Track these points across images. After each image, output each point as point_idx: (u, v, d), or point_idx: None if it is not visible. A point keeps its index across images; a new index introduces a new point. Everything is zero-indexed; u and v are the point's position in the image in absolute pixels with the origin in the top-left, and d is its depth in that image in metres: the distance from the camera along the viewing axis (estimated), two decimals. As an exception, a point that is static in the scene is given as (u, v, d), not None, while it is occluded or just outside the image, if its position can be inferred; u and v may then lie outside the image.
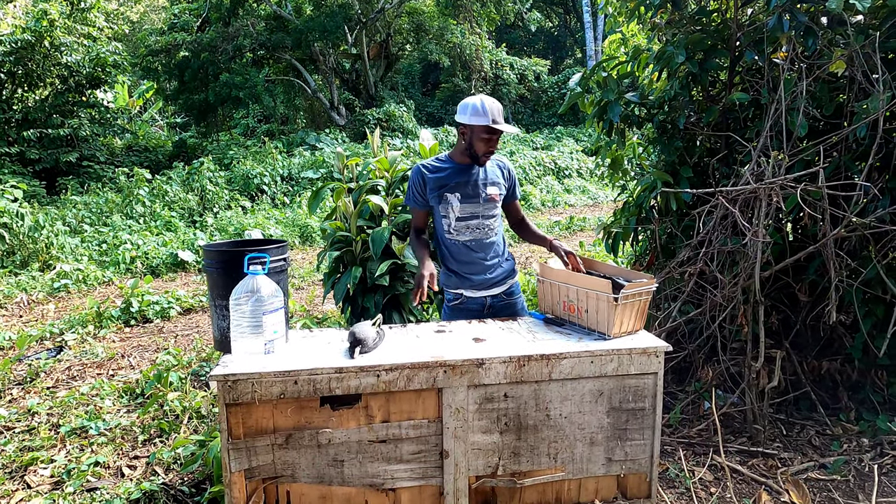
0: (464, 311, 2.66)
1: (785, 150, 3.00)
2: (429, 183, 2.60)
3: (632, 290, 2.15)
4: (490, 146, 2.50)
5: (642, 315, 2.23)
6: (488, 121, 2.42)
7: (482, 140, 2.48)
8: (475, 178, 2.61)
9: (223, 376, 1.84)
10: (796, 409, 3.28)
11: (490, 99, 2.48)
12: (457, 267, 2.65)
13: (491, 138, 2.47)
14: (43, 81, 13.79)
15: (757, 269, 2.95)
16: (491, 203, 2.62)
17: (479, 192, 2.59)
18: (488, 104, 2.45)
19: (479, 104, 2.45)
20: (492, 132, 2.45)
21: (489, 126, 2.43)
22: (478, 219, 2.61)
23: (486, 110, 2.43)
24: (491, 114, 2.43)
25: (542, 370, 2.03)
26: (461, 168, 2.60)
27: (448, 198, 2.57)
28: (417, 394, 1.98)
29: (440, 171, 2.61)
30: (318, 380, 1.90)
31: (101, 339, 4.73)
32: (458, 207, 2.58)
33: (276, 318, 1.91)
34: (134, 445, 3.02)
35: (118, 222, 8.23)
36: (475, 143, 2.50)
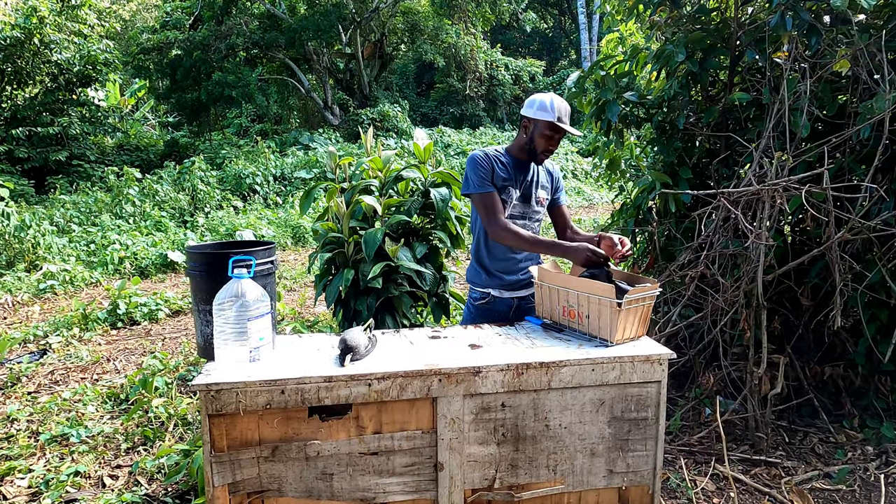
0: (490, 312, 2.58)
1: (788, 150, 2.93)
2: (496, 169, 2.49)
3: (635, 294, 2.07)
4: (550, 145, 2.44)
5: (645, 321, 2.15)
6: (553, 117, 2.37)
7: (544, 137, 2.41)
8: (530, 178, 2.55)
9: (205, 386, 1.75)
10: (798, 416, 3.21)
11: (560, 99, 2.42)
12: (490, 264, 2.56)
13: (553, 136, 2.42)
14: (32, 79, 13.63)
15: (760, 273, 2.88)
16: (539, 206, 2.58)
17: (531, 193, 2.55)
18: (557, 102, 2.40)
19: (547, 100, 2.40)
20: (555, 130, 2.39)
21: (553, 123, 2.38)
22: (525, 220, 2.55)
23: (553, 107, 2.38)
24: (557, 111, 2.38)
25: (541, 379, 1.94)
26: (519, 164, 2.53)
27: (510, 191, 2.49)
28: (411, 403, 1.89)
29: (503, 163, 2.52)
30: (307, 389, 1.80)
31: (86, 343, 4.62)
32: (513, 205, 2.50)
33: (261, 324, 1.82)
34: (116, 454, 2.91)
35: (107, 222, 8.10)
36: (536, 139, 2.44)
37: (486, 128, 18.33)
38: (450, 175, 3.61)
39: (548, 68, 23.79)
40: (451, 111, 19.72)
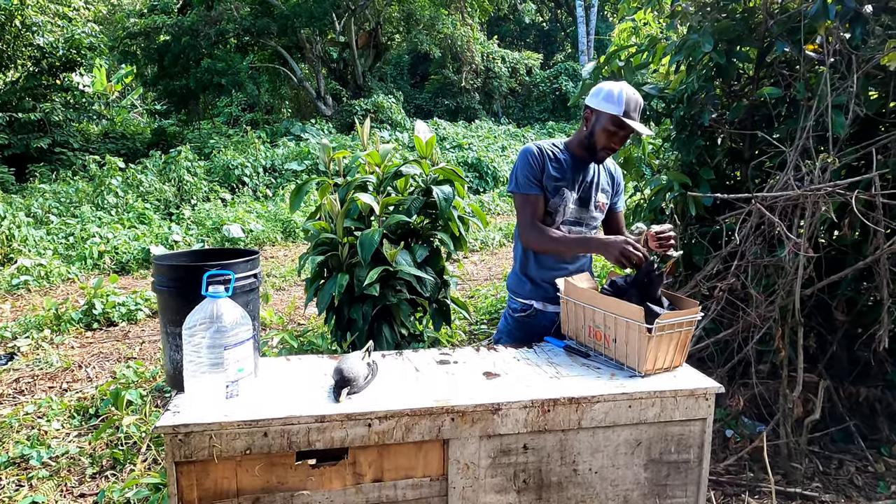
0: (530, 326, 2.30)
1: (832, 152, 2.65)
2: (548, 168, 2.18)
3: (669, 319, 1.79)
4: (613, 142, 2.12)
5: (683, 349, 1.87)
6: (620, 110, 2.05)
7: (606, 132, 2.10)
8: (591, 179, 2.24)
9: (172, 427, 1.45)
10: (831, 441, 2.95)
11: (632, 90, 2.10)
12: (536, 273, 2.27)
13: (617, 133, 2.09)
14: (14, 63, 13.15)
15: (797, 286, 2.61)
16: (598, 212, 2.28)
17: (591, 197, 2.24)
18: (627, 93, 2.08)
19: (616, 90, 2.09)
20: (620, 125, 2.07)
21: (618, 118, 2.06)
22: (582, 226, 2.25)
23: (621, 99, 2.06)
24: (626, 104, 2.06)
25: (569, 417, 1.66)
26: (578, 162, 2.22)
27: (565, 194, 2.18)
28: (418, 446, 1.60)
29: (559, 160, 2.21)
30: (295, 431, 1.51)
31: (57, 346, 4.29)
32: (570, 208, 2.20)
33: (241, 352, 1.52)
34: (81, 479, 2.61)
35: (87, 213, 7.72)
36: (597, 133, 2.12)
37: (482, 121, 17.99)
38: (453, 171, 3.31)
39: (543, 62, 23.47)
40: (445, 103, 19.36)
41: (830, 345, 2.98)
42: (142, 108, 19.00)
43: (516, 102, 20.92)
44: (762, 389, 2.89)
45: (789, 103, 3.28)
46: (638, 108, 2.10)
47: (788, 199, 2.66)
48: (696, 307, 1.84)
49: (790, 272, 2.69)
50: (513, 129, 16.81)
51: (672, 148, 3.78)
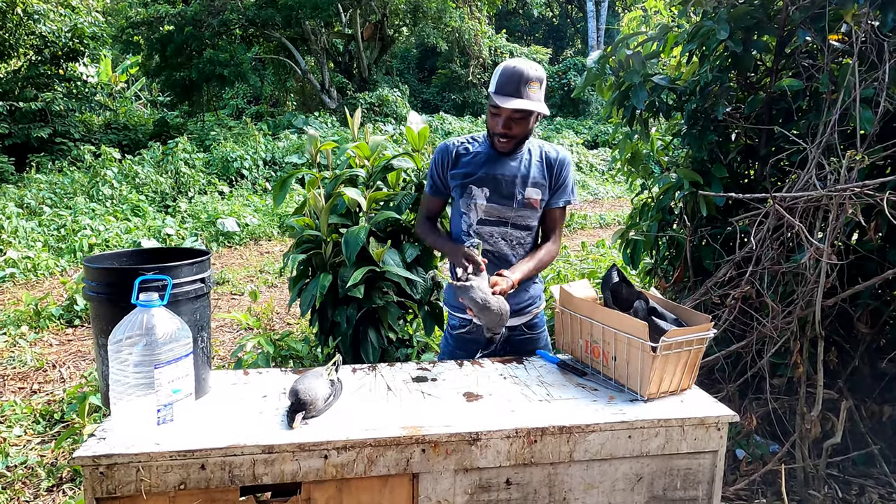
0: (471, 343, 2.06)
1: (859, 149, 2.41)
2: (452, 165, 2.00)
3: (677, 336, 1.56)
4: (498, 125, 1.87)
5: (692, 370, 1.64)
6: (493, 88, 1.84)
7: (490, 114, 1.91)
8: (514, 173, 1.98)
9: (92, 458, 1.24)
10: (852, 464, 2.72)
11: (521, 62, 1.85)
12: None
13: (499, 113, 1.86)
14: (16, 51, 13.01)
15: (819, 296, 2.38)
16: (528, 210, 2.00)
17: (515, 193, 1.97)
18: (507, 66, 1.84)
19: (500, 67, 1.86)
20: (495, 106, 1.85)
21: (490, 96, 1.86)
22: (506, 226, 2.00)
23: (496, 73, 1.85)
24: (499, 78, 1.83)
25: (560, 448, 1.44)
26: (496, 156, 1.98)
27: (472, 191, 1.97)
28: (383, 481, 1.39)
29: (469, 154, 2.01)
30: (237, 463, 1.30)
31: (34, 343, 4.11)
32: (482, 206, 1.97)
33: (176, 370, 1.31)
34: (36, 493, 2.42)
35: (81, 205, 7.55)
36: (487, 120, 1.94)
37: (489, 116, 17.70)
38: (448, 166, 3.09)
39: (553, 57, 23.15)
40: (452, 98, 19.10)
41: (852, 359, 2.74)
42: (145, 99, 18.86)
43: (524, 98, 20.61)
44: (777, 406, 2.66)
45: (810, 96, 3.04)
46: (519, 81, 1.80)
47: (810, 199, 2.42)
48: (707, 323, 1.62)
49: (810, 280, 2.45)
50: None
51: (682, 143, 3.54)
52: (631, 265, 3.42)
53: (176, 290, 1.43)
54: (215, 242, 7.38)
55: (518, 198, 1.97)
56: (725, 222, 3.11)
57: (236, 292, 5.62)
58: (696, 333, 1.60)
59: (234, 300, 5.40)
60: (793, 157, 2.91)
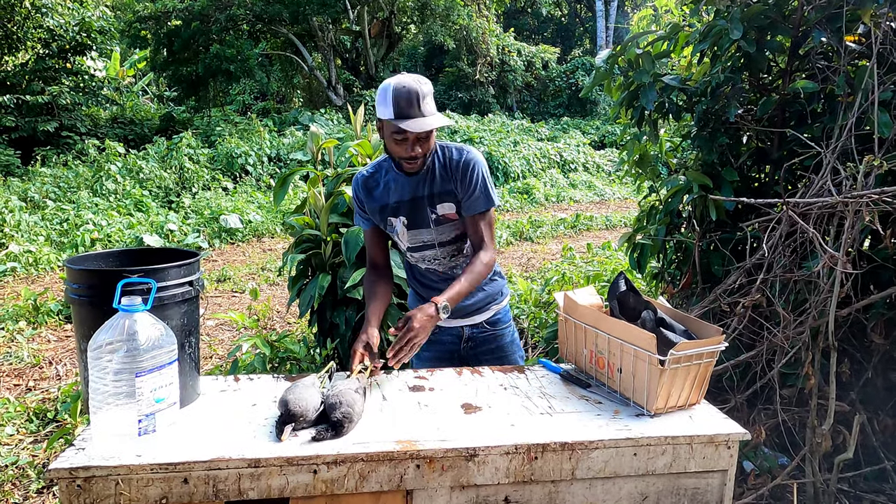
0: (436, 344, 2.06)
1: (877, 154, 2.33)
2: (366, 201, 1.90)
3: (686, 350, 1.49)
4: (404, 149, 1.72)
5: (701, 384, 1.57)
6: (392, 113, 1.67)
7: (393, 141, 1.72)
8: (421, 193, 1.84)
9: (68, 471, 1.18)
10: (863, 479, 2.64)
11: (403, 79, 1.69)
12: (422, 290, 2.05)
13: (405, 138, 1.70)
14: (23, 45, 13.02)
15: (832, 305, 2.29)
16: (445, 225, 1.88)
17: (426, 214, 1.86)
18: (395, 87, 1.67)
19: (384, 88, 1.70)
20: (400, 132, 1.68)
21: (393, 123, 1.67)
22: (433, 248, 1.92)
23: (388, 98, 1.67)
24: (395, 103, 1.66)
25: (561, 465, 1.37)
26: (405, 179, 1.84)
27: (392, 223, 1.90)
28: (375, 498, 1.32)
29: (379, 184, 1.88)
30: (222, 477, 1.24)
31: (32, 339, 4.07)
32: (405, 235, 1.89)
33: (159, 378, 1.25)
34: (26, 494, 2.37)
35: (84, 199, 7.52)
36: (388, 146, 1.77)
37: (496, 115, 17.63)
38: (451, 166, 3.02)
39: (561, 56, 23.02)
40: (459, 96, 19.01)
41: (865, 371, 2.66)
42: (152, 93, 18.86)
43: (531, 97, 20.52)
44: (786, 418, 2.58)
45: (825, 99, 2.96)
46: (416, 99, 1.66)
47: (825, 205, 2.34)
48: (718, 336, 1.54)
49: (824, 289, 2.37)
50: (526, 124, 16.43)
51: (692, 146, 3.45)
52: (637, 269, 3.35)
53: (162, 294, 1.37)
54: (218, 239, 7.34)
55: (432, 217, 1.86)
56: (735, 227, 3.03)
57: (237, 290, 5.58)
58: (706, 347, 1.52)
59: (235, 298, 5.35)
60: (806, 162, 2.82)
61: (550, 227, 8.77)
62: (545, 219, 9.32)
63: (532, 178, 12.40)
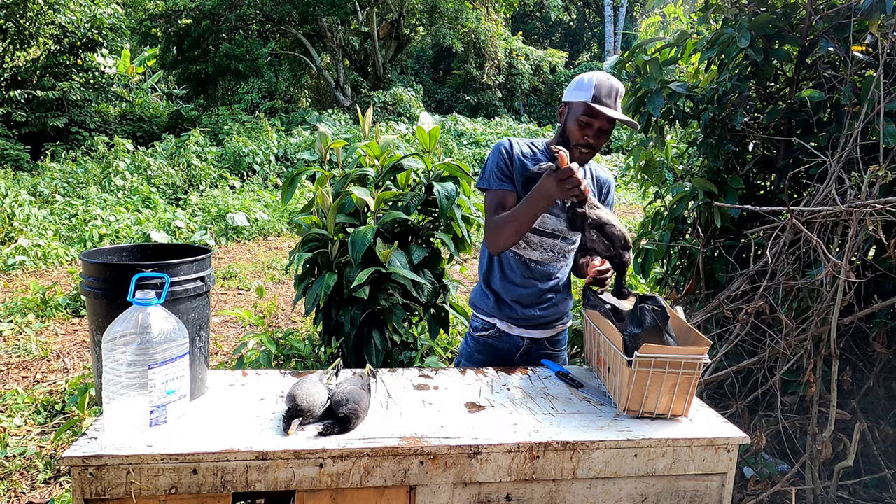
0: (491, 349, 2.00)
1: (882, 164, 2.34)
2: (517, 164, 1.89)
3: (653, 354, 1.46)
4: (587, 135, 1.78)
5: (684, 395, 1.52)
6: (589, 96, 1.75)
7: (578, 123, 1.78)
8: None
9: (81, 459, 1.21)
10: (863, 487, 2.65)
11: (605, 76, 1.80)
12: (502, 287, 1.96)
13: (591, 123, 1.77)
14: (35, 41, 13.12)
15: (835, 314, 2.31)
16: None
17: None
18: (598, 79, 1.78)
19: (587, 77, 1.80)
20: (592, 114, 1.75)
21: (587, 104, 1.75)
22: (558, 239, 1.93)
23: (591, 84, 1.76)
24: (596, 89, 1.76)
25: (562, 465, 1.40)
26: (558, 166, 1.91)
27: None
28: (379, 492, 1.35)
29: (534, 156, 1.92)
30: (230, 468, 1.27)
31: (40, 332, 4.11)
32: (545, 218, 1.90)
33: (171, 371, 1.28)
34: (33, 484, 2.40)
35: (93, 195, 7.58)
36: (569, 128, 1.81)
37: (502, 118, 17.66)
38: (458, 167, 3.05)
39: (569, 61, 23.04)
40: (466, 99, 19.05)
41: (867, 379, 2.67)
42: (161, 91, 18.96)
43: (538, 101, 20.55)
44: (787, 425, 2.60)
45: (831, 108, 2.97)
46: (612, 94, 1.78)
47: (829, 214, 2.36)
48: (703, 346, 1.52)
49: (826, 297, 2.39)
50: (533, 128, 16.46)
51: (698, 153, 3.48)
52: (641, 275, 3.36)
53: (175, 289, 1.40)
54: (224, 237, 7.38)
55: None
56: (740, 234, 3.05)
57: (243, 287, 5.61)
58: (683, 355, 1.48)
59: (241, 295, 5.39)
60: (812, 170, 2.84)
61: (555, 230, 8.77)
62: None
63: (538, 181, 12.38)
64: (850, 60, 2.73)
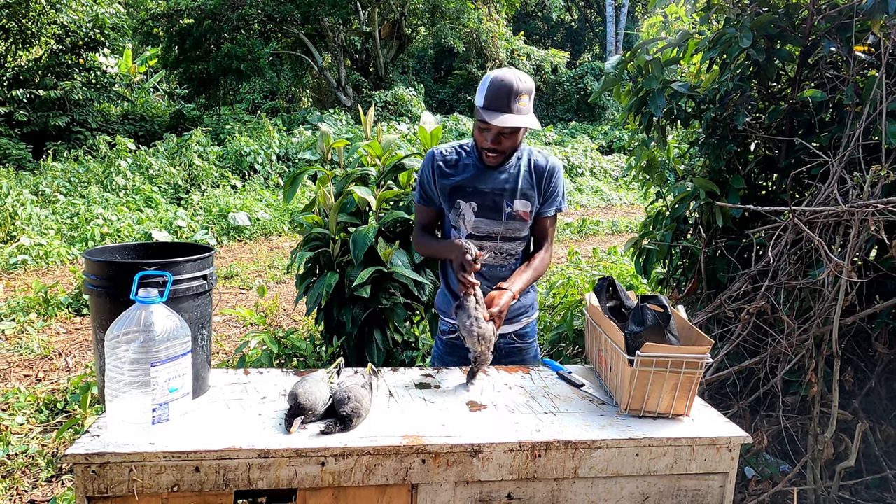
0: (461, 350, 2.00)
1: (884, 164, 2.34)
2: (439, 178, 1.91)
3: (655, 353, 1.46)
4: (486, 140, 1.78)
5: (686, 395, 1.52)
6: (481, 101, 1.75)
7: (478, 128, 1.81)
8: (502, 186, 1.90)
9: (84, 456, 1.22)
10: (864, 487, 2.65)
11: (509, 74, 1.74)
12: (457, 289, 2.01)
13: (488, 128, 1.76)
14: (37, 40, 13.14)
15: (837, 314, 2.31)
16: (518, 222, 1.93)
17: (502, 207, 1.90)
18: (492, 81, 1.74)
19: (486, 77, 1.77)
20: (485, 121, 1.74)
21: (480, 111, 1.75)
22: (495, 241, 1.94)
23: (484, 87, 1.75)
24: (488, 93, 1.72)
25: (564, 464, 1.40)
26: (485, 168, 1.90)
27: (461, 206, 1.91)
28: (381, 491, 1.35)
29: (458, 166, 1.91)
30: (232, 466, 1.27)
31: (42, 331, 4.12)
32: (471, 222, 1.90)
33: (174, 369, 1.28)
34: (35, 482, 2.41)
35: (94, 194, 7.59)
36: (474, 133, 1.85)
37: (504, 118, 17.63)
38: (460, 168, 3.04)
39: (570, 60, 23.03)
40: (468, 99, 19.04)
41: (869, 379, 2.67)
42: (163, 91, 18.97)
43: (540, 101, 20.52)
44: (789, 425, 2.60)
45: (833, 108, 2.97)
46: (510, 95, 1.71)
47: (831, 214, 2.36)
48: (705, 346, 1.52)
49: (828, 297, 2.39)
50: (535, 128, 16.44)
51: (700, 152, 3.48)
52: (643, 274, 3.36)
53: (177, 287, 1.40)
54: (226, 236, 7.39)
55: (507, 211, 1.90)
56: (741, 234, 3.05)
57: (244, 287, 5.62)
58: (686, 354, 1.49)
59: (242, 295, 5.39)
60: (813, 171, 2.84)
61: (557, 230, 8.79)
62: (551, 223, 9.30)
63: (539, 181, 12.39)
64: (853, 60, 2.73)
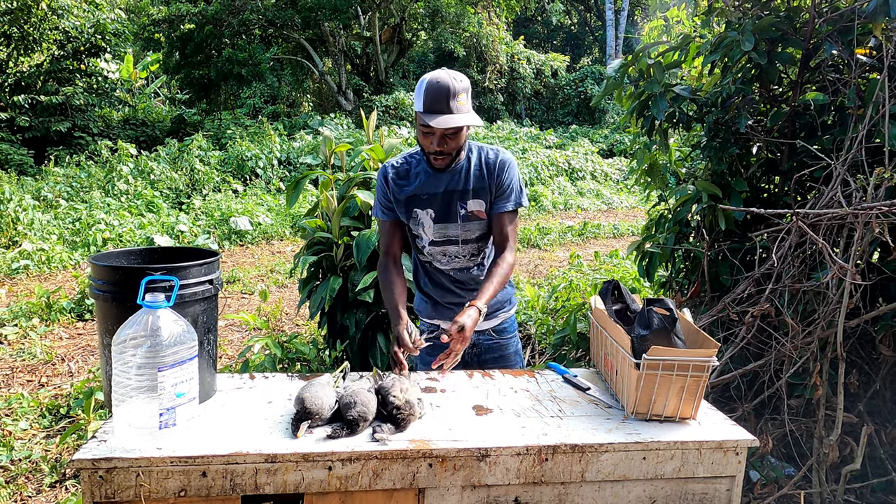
0: (440, 348, 2.02)
1: (887, 167, 2.35)
2: (395, 190, 1.91)
3: (661, 356, 1.46)
4: (429, 144, 1.77)
5: (692, 398, 1.52)
6: (421, 106, 1.73)
7: (421, 133, 1.78)
8: (453, 188, 1.88)
9: (91, 462, 1.22)
10: (870, 491, 2.64)
11: (443, 74, 1.73)
12: (432, 291, 2.03)
13: (431, 131, 1.73)
14: (39, 46, 13.18)
15: (841, 317, 2.31)
16: (473, 222, 1.91)
17: (456, 209, 1.89)
18: (428, 84, 1.71)
19: (420, 81, 1.75)
20: (426, 125, 1.72)
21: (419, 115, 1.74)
22: (455, 244, 1.93)
23: (421, 91, 1.73)
24: (426, 97, 1.70)
25: (571, 468, 1.40)
26: (435, 173, 1.88)
27: (418, 214, 1.90)
28: (388, 495, 1.35)
29: (408, 176, 1.91)
30: (239, 471, 1.27)
31: (45, 336, 4.11)
32: (430, 228, 1.90)
33: (180, 373, 1.28)
34: (39, 488, 2.40)
35: (96, 199, 7.60)
36: (418, 138, 1.82)
37: (504, 122, 17.70)
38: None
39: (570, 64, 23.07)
40: (468, 102, 19.07)
41: (873, 382, 2.67)
42: (164, 96, 19.01)
43: (540, 104, 20.57)
44: (794, 428, 2.59)
45: (835, 111, 2.97)
46: (448, 95, 1.69)
47: (834, 217, 2.36)
48: (711, 349, 1.52)
49: (832, 300, 2.38)
50: (535, 132, 16.47)
51: (702, 156, 3.48)
52: (646, 278, 3.36)
53: (183, 292, 1.40)
54: (227, 241, 7.40)
55: (461, 213, 1.90)
56: (744, 237, 3.04)
57: (246, 291, 5.62)
58: (692, 357, 1.48)
59: (245, 299, 5.39)
60: (816, 173, 2.84)
61: (558, 234, 8.79)
62: (553, 226, 9.34)
63: (540, 185, 12.42)
64: (854, 63, 2.74)
